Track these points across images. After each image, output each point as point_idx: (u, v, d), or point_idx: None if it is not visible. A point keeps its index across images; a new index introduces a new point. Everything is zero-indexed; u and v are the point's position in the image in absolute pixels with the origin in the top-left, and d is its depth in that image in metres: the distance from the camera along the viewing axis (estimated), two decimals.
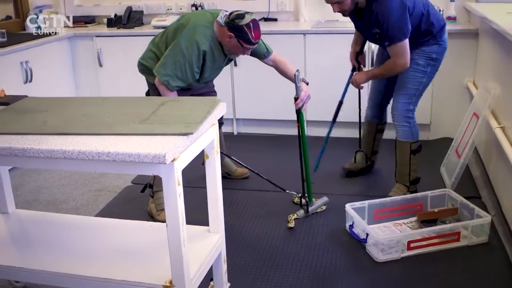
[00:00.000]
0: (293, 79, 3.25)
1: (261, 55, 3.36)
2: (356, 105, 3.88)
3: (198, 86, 3.30)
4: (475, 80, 4.34)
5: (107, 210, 3.55)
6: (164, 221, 2.02)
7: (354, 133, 4.62)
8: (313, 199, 3.43)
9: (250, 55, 3.29)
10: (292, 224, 3.23)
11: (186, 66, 3.04)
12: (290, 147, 4.24)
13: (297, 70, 3.16)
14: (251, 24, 2.98)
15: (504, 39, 3.07)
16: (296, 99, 3.21)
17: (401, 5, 3.11)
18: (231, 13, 3.04)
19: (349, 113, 3.83)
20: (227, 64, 3.36)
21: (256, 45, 3.12)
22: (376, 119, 3.80)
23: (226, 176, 3.69)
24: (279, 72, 3.47)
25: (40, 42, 4.65)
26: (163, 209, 3.18)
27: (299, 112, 3.26)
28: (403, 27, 3.12)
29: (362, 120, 3.92)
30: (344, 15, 3.36)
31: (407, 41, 3.16)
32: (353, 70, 3.70)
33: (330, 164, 4.00)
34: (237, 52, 3.19)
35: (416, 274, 2.74)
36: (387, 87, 3.62)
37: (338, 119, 3.74)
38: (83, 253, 2.30)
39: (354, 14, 3.34)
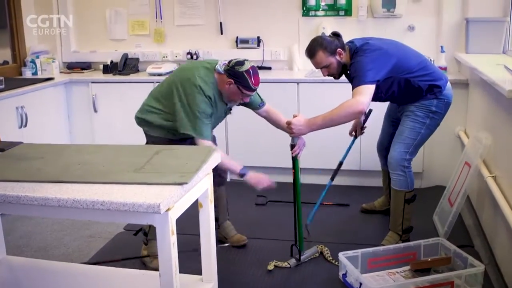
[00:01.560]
0: (285, 126, 3.29)
1: (256, 105, 3.40)
2: (355, 153, 3.92)
3: None
4: (467, 129, 4.40)
5: (99, 257, 3.51)
6: (157, 269, 2.02)
7: (351, 181, 4.68)
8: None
9: (244, 105, 3.33)
10: (271, 267, 3.26)
11: (206, 111, 3.09)
12: (283, 194, 4.26)
13: (294, 116, 3.20)
14: (250, 70, 3.04)
15: (494, 89, 3.13)
16: (292, 146, 3.24)
17: (377, 56, 3.19)
18: (230, 61, 3.09)
19: (346, 161, 3.85)
20: (226, 114, 3.40)
21: (255, 91, 3.17)
22: (386, 167, 3.84)
23: (223, 241, 3.60)
24: (272, 122, 3.51)
25: (36, 87, 4.69)
26: (156, 257, 3.16)
27: (295, 159, 3.28)
28: (369, 72, 3.13)
29: (354, 167, 3.94)
30: (335, 78, 3.45)
31: (371, 86, 3.12)
32: (356, 133, 3.80)
33: (323, 212, 4.01)
34: (236, 99, 3.20)
35: None
36: (392, 136, 3.66)
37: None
38: None
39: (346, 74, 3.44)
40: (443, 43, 4.67)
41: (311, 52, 3.32)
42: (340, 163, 3.74)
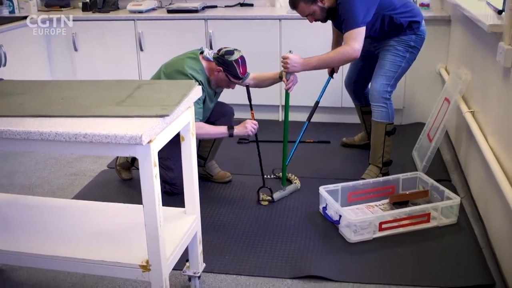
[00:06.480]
0: (277, 77, 3.43)
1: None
2: (334, 90, 3.91)
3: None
4: (448, 66, 4.42)
5: (83, 194, 3.56)
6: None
7: (332, 118, 4.73)
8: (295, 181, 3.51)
9: None
10: (264, 203, 3.36)
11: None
12: (266, 131, 4.30)
13: (290, 51, 3.28)
14: (239, 60, 3.18)
15: (475, 26, 3.14)
16: (283, 79, 3.35)
17: None
18: (219, 49, 3.20)
19: (327, 97, 3.88)
20: (216, 97, 3.44)
21: (241, 80, 3.25)
22: (357, 102, 3.93)
23: (209, 178, 3.69)
24: (262, 83, 3.55)
25: (14, 25, 4.61)
26: (124, 168, 3.67)
27: (286, 93, 3.37)
28: (360, 14, 3.15)
29: (336, 104, 3.96)
30: (322, 22, 3.46)
31: (363, 29, 3.18)
32: (332, 73, 3.79)
33: (304, 149, 4.07)
34: (223, 86, 3.32)
35: (387, 254, 2.81)
36: (361, 69, 3.74)
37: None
38: (60, 234, 2.32)
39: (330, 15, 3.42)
40: None
41: (293, 3, 3.37)
42: (317, 103, 3.75)
